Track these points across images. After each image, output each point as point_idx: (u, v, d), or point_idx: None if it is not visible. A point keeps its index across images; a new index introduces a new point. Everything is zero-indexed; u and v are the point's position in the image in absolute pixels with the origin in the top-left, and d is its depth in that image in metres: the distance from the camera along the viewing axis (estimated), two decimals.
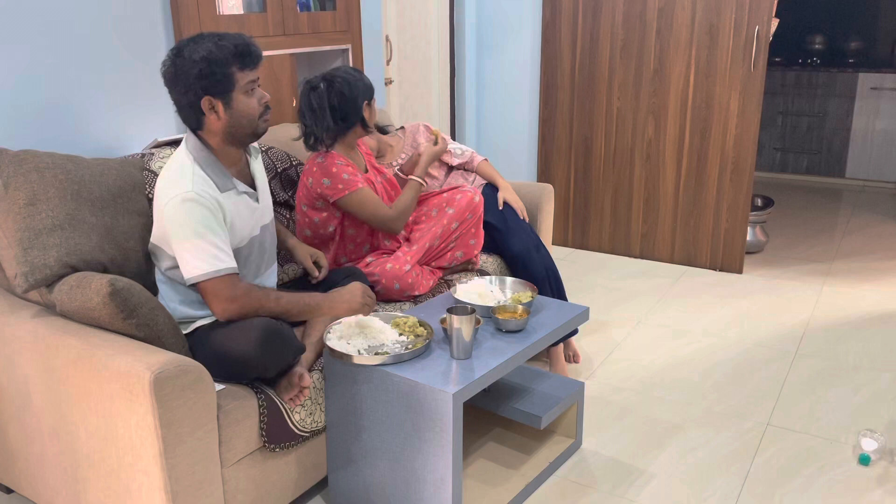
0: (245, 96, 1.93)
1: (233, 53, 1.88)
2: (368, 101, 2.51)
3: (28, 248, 1.88)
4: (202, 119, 1.93)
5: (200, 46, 1.87)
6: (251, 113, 1.95)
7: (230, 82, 1.90)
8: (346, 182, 2.41)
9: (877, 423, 2.61)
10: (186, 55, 1.87)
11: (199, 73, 1.86)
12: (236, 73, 1.90)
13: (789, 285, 3.88)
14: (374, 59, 3.63)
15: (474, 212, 2.68)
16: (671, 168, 4.10)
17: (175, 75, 1.89)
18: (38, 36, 2.27)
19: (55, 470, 1.98)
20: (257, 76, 1.96)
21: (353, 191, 2.42)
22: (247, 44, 1.91)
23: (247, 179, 2.08)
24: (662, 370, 3.00)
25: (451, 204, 2.66)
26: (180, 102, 1.93)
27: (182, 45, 1.90)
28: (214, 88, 1.89)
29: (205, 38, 1.89)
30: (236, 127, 1.95)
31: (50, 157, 2.03)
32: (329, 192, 2.42)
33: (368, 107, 2.51)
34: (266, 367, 1.88)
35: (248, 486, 1.94)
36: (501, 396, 2.36)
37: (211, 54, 1.86)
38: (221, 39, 1.89)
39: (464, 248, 2.69)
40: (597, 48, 4.16)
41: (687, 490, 2.27)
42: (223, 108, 1.92)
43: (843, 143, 5.86)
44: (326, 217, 2.49)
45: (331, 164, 2.43)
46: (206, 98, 1.89)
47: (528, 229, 2.93)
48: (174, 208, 1.85)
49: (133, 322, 1.80)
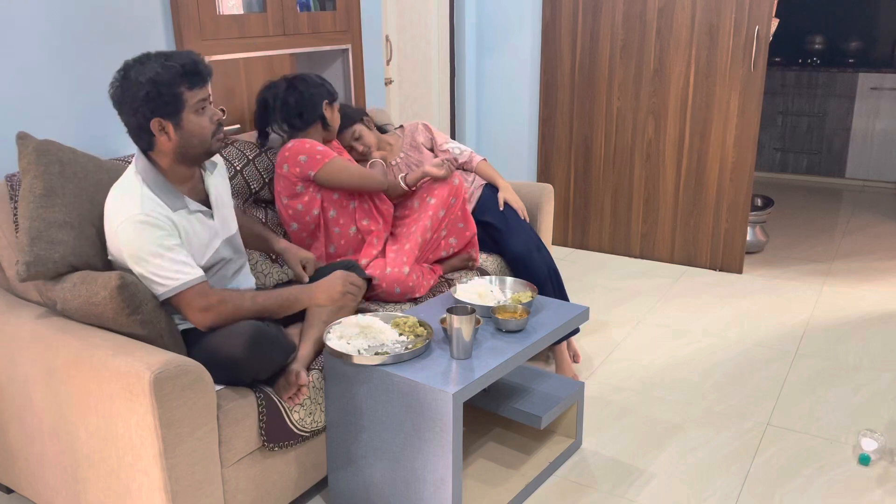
0: (196, 116, 1.89)
1: (180, 73, 1.85)
2: (330, 102, 2.59)
3: (36, 238, 1.87)
4: (153, 140, 1.89)
5: (147, 67, 1.83)
6: (203, 133, 1.92)
7: (179, 103, 1.86)
8: (322, 152, 2.46)
9: (877, 423, 2.61)
10: (133, 77, 1.83)
11: (146, 95, 1.82)
12: (185, 92, 1.86)
13: (789, 285, 3.88)
14: (374, 59, 3.63)
15: (457, 196, 2.69)
16: (671, 168, 4.10)
17: (122, 97, 1.86)
18: (38, 36, 2.27)
19: (55, 470, 1.98)
20: (208, 94, 1.92)
21: (331, 159, 2.46)
22: (195, 62, 1.87)
23: (200, 196, 2.03)
24: (662, 370, 3.00)
25: (431, 194, 2.68)
26: (129, 124, 1.89)
27: (128, 67, 1.86)
28: (163, 110, 1.85)
29: (151, 59, 1.86)
30: (188, 147, 1.91)
31: (73, 152, 2.03)
32: (308, 166, 2.45)
33: (329, 107, 2.59)
34: (257, 371, 1.88)
35: (248, 486, 1.94)
36: (501, 396, 2.36)
37: (158, 76, 1.82)
38: (168, 59, 1.85)
39: (455, 234, 2.70)
40: (597, 48, 4.16)
41: (687, 490, 2.27)
42: (173, 129, 1.88)
43: (843, 143, 5.86)
44: (309, 202, 2.50)
45: (302, 143, 2.48)
46: (156, 119, 1.86)
47: (528, 229, 2.93)
48: (126, 233, 1.82)
49: (137, 318, 1.80)
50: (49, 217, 1.90)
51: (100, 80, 2.45)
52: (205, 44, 2.66)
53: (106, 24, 2.43)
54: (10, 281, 2.09)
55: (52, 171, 1.95)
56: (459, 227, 2.71)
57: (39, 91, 2.30)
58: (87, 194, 1.99)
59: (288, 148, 2.49)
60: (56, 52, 2.32)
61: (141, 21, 2.53)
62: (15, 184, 2.07)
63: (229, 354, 1.82)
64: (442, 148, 3.04)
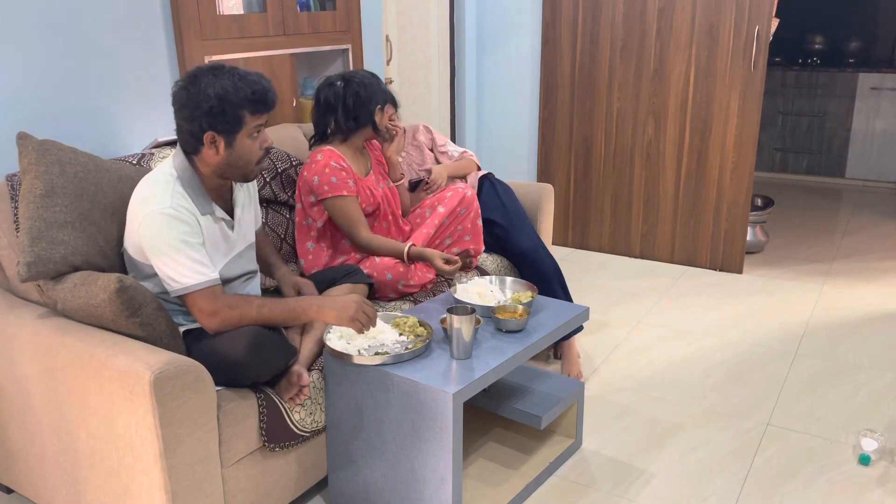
0: (249, 139, 1.91)
1: (249, 98, 1.85)
2: (382, 106, 2.56)
3: (37, 238, 1.87)
4: (200, 148, 1.90)
5: (218, 81, 1.83)
6: (251, 157, 1.93)
7: (238, 124, 1.87)
8: (332, 185, 2.43)
9: (877, 423, 2.61)
10: (202, 86, 1.83)
11: (209, 109, 1.83)
12: (247, 116, 1.87)
13: (789, 285, 3.88)
14: (374, 59, 3.63)
15: (468, 206, 2.68)
16: (671, 168, 4.10)
17: (185, 102, 1.85)
18: (38, 37, 2.27)
19: (55, 470, 1.98)
20: (266, 120, 1.93)
21: (336, 195, 2.44)
22: (265, 90, 1.88)
23: (227, 207, 2.03)
24: (662, 370, 3.00)
25: (441, 202, 2.67)
26: (182, 127, 1.89)
27: (199, 74, 1.86)
28: (221, 126, 1.86)
29: (224, 73, 1.85)
30: (232, 166, 1.92)
31: (73, 152, 2.03)
32: (316, 189, 2.46)
33: (381, 112, 2.56)
34: (257, 374, 1.88)
35: (248, 486, 1.94)
36: (501, 396, 2.36)
37: (227, 94, 1.83)
38: (241, 80, 1.85)
39: (460, 245, 2.69)
40: (597, 48, 4.16)
41: (687, 490, 2.27)
42: (224, 146, 1.88)
43: (843, 143, 5.86)
44: (318, 212, 2.51)
45: (325, 164, 2.45)
46: (211, 133, 1.86)
47: (532, 227, 2.93)
48: (151, 223, 1.82)
49: (137, 321, 1.80)
50: (50, 217, 1.90)
51: (100, 79, 2.45)
52: (205, 44, 2.66)
53: (106, 25, 2.43)
54: (10, 281, 2.09)
55: (53, 172, 1.94)
56: (466, 239, 2.70)
57: (40, 91, 2.30)
58: (88, 194, 1.99)
59: (315, 160, 2.48)
60: (56, 52, 2.32)
61: (141, 21, 2.53)
62: (15, 184, 2.07)
63: (230, 357, 1.82)
64: (441, 150, 3.05)
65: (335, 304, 1.93)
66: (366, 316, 1.93)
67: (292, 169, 2.74)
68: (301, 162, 2.77)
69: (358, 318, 1.92)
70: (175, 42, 2.62)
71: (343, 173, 2.45)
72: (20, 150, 1.96)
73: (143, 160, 2.32)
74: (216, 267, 1.96)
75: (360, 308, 1.93)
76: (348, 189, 2.45)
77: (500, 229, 2.90)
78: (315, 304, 1.94)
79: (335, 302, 1.94)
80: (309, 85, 3.36)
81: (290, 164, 2.74)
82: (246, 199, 2.11)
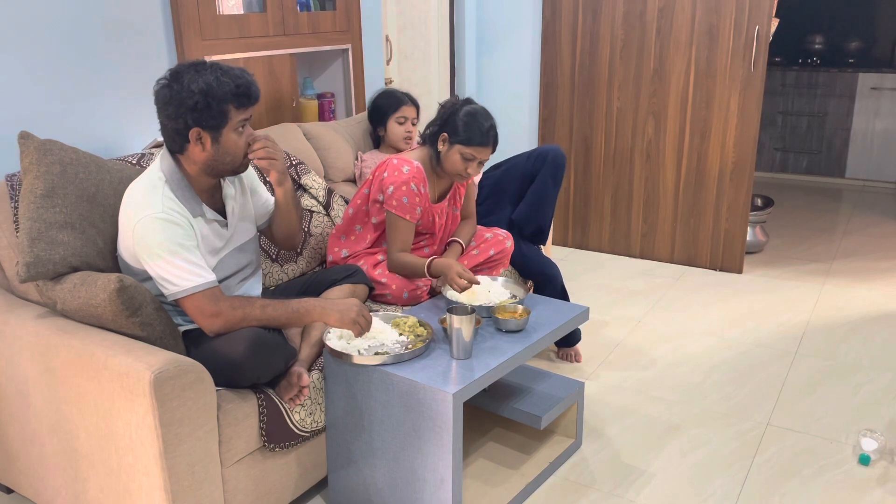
0: (235, 134, 1.90)
1: (233, 92, 1.84)
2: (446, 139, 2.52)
3: (36, 238, 1.87)
4: (186, 146, 1.89)
5: (201, 77, 1.82)
6: (237, 151, 1.92)
7: (224, 119, 1.86)
8: (400, 204, 2.42)
9: (877, 423, 2.61)
10: (185, 83, 1.82)
11: (193, 105, 1.82)
12: (232, 110, 1.86)
13: (789, 285, 3.88)
14: (374, 59, 3.63)
15: (503, 252, 2.69)
16: (671, 168, 4.10)
17: (169, 99, 1.84)
18: (39, 37, 2.27)
19: (55, 470, 1.98)
20: (251, 115, 1.93)
21: (396, 214, 2.43)
22: (248, 83, 1.88)
23: (217, 205, 2.03)
24: (662, 370, 3.00)
25: (478, 246, 2.68)
26: (167, 126, 1.88)
27: (181, 70, 1.85)
28: (206, 122, 1.85)
29: (206, 69, 1.85)
30: (218, 162, 1.91)
31: (75, 152, 2.02)
32: (386, 197, 2.45)
33: (444, 143, 2.50)
34: (257, 375, 1.88)
35: (248, 486, 1.94)
36: (501, 396, 2.36)
37: (211, 89, 1.82)
38: (224, 74, 1.84)
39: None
40: (597, 48, 4.16)
41: (687, 490, 2.27)
42: (210, 142, 1.88)
43: (843, 143, 5.86)
44: (379, 211, 2.51)
45: (406, 181, 2.42)
46: (196, 129, 1.85)
47: (538, 251, 2.99)
48: (145, 229, 1.82)
49: (136, 321, 1.80)
50: (50, 218, 1.90)
51: (100, 80, 2.45)
52: (205, 44, 2.66)
53: (106, 25, 2.44)
54: (10, 281, 2.09)
55: (54, 172, 1.94)
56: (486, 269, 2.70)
57: (41, 91, 2.30)
58: (88, 195, 1.99)
59: (401, 171, 2.43)
60: (57, 52, 2.32)
61: (141, 21, 2.53)
62: (15, 184, 2.07)
63: (230, 358, 1.82)
64: None
65: (338, 307, 1.96)
66: (365, 321, 1.97)
67: (292, 169, 2.74)
68: (301, 162, 2.77)
69: (359, 322, 1.95)
70: (175, 42, 2.62)
71: (417, 199, 2.44)
72: (22, 150, 1.96)
73: (142, 160, 2.31)
74: (211, 265, 1.96)
75: (360, 313, 1.96)
76: (412, 216, 2.45)
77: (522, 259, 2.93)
78: (318, 306, 1.96)
79: (338, 304, 1.97)
80: (309, 85, 3.35)
81: (290, 164, 2.74)
82: (238, 191, 2.10)
